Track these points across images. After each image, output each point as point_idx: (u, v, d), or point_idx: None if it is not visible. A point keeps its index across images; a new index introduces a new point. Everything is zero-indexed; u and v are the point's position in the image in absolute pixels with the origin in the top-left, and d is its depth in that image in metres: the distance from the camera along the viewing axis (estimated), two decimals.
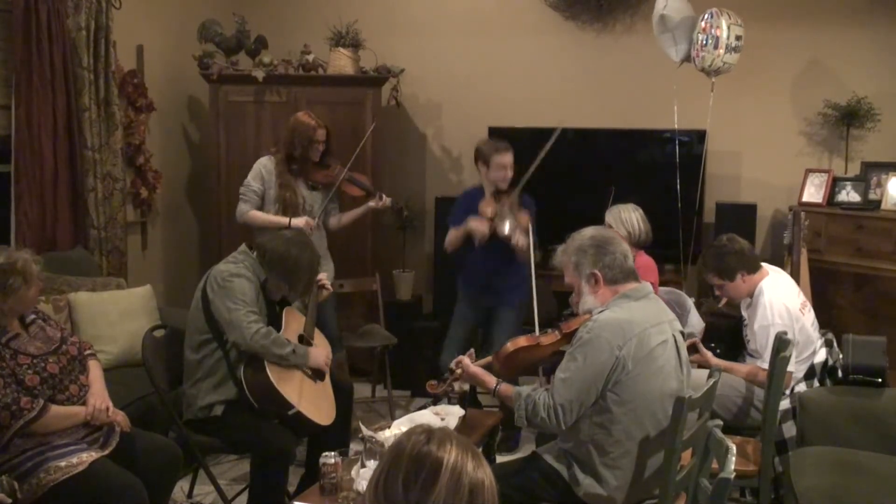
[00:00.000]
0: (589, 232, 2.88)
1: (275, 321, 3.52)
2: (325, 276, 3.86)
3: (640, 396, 2.65)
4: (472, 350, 3.20)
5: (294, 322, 3.63)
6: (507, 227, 4.14)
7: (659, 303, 2.89)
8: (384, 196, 4.63)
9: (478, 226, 4.21)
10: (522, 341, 3.01)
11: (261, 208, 4.50)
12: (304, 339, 3.63)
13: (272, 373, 3.34)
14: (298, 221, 4.37)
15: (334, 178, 4.56)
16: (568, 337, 2.90)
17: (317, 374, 3.60)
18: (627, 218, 4.18)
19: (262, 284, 3.52)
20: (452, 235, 4.39)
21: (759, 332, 3.62)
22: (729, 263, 3.70)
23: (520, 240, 4.10)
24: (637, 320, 2.69)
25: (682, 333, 2.89)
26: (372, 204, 4.62)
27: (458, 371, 3.08)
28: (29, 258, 2.96)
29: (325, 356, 3.62)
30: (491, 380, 2.99)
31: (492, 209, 4.23)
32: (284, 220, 4.39)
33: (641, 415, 2.66)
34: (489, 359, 3.08)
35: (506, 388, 2.92)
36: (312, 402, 3.46)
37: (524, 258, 4.01)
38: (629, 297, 2.77)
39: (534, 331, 3.08)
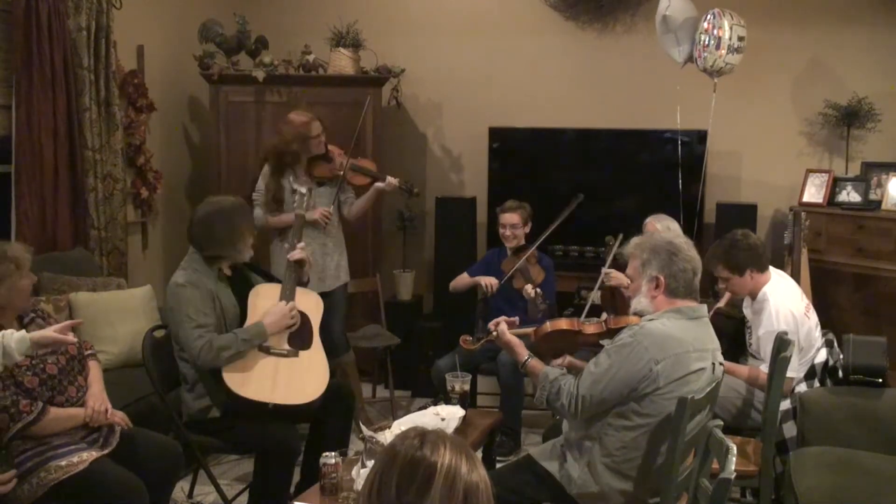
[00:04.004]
0: (670, 235, 2.80)
1: (240, 307, 3.43)
2: (298, 249, 3.68)
3: (663, 416, 2.60)
4: (517, 318, 3.14)
5: (264, 299, 3.45)
6: (521, 282, 4.56)
7: (709, 328, 2.79)
8: (389, 178, 4.59)
9: (488, 281, 4.60)
10: (563, 324, 2.94)
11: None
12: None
13: (231, 379, 3.23)
14: (314, 214, 4.33)
15: (338, 169, 4.53)
16: (612, 332, 2.83)
17: (301, 345, 3.43)
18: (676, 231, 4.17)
19: (221, 278, 3.43)
20: (465, 280, 4.76)
21: (763, 337, 3.61)
22: (740, 258, 3.68)
23: (531, 292, 4.45)
24: (683, 340, 2.63)
25: (721, 364, 2.82)
26: (380, 185, 4.56)
27: (494, 333, 3.03)
28: (19, 247, 2.97)
29: (283, 314, 3.37)
30: (523, 352, 2.93)
31: (511, 265, 4.59)
32: (292, 216, 4.20)
33: (658, 433, 2.62)
34: (529, 331, 3.03)
35: (535, 364, 2.88)
36: (290, 384, 3.32)
37: (533, 308, 4.38)
38: (683, 313, 2.69)
39: (578, 317, 3.03)
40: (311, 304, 3.60)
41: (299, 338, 3.46)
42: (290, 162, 4.44)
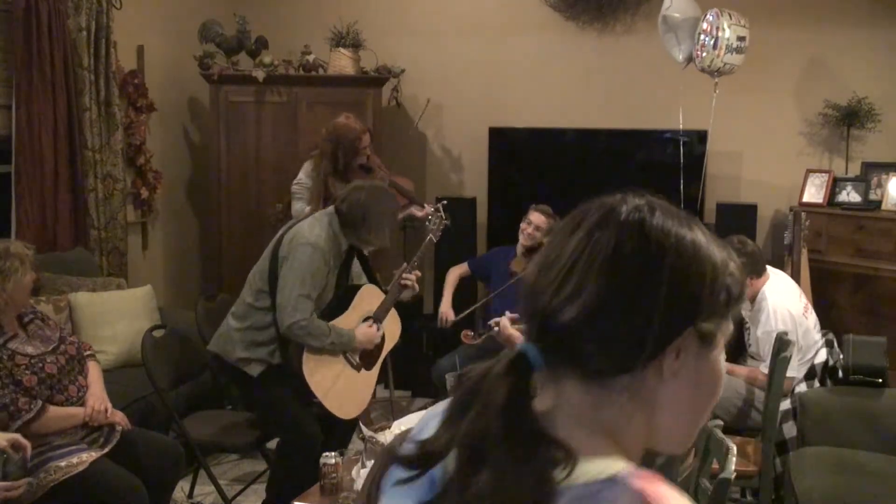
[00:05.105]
0: None
1: (344, 295, 3.47)
2: (411, 278, 3.76)
3: None
4: (517, 315, 3.15)
5: (367, 302, 3.54)
6: None
7: None
8: (427, 206, 4.52)
9: (446, 314, 4.61)
10: None
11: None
12: (372, 319, 3.56)
13: (307, 361, 3.29)
14: None
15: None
16: None
17: (367, 363, 3.54)
18: None
19: (345, 251, 3.44)
20: (450, 285, 4.76)
21: (762, 338, 3.61)
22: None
23: None
24: None
25: None
26: (418, 213, 4.55)
27: (496, 328, 3.03)
28: (20, 244, 3.00)
29: (372, 339, 3.52)
30: None
31: (521, 266, 4.55)
32: None
33: None
34: None
35: None
36: (342, 394, 3.40)
37: None
38: None
39: None
40: (392, 328, 3.70)
41: (368, 355, 3.57)
42: (346, 156, 4.36)
